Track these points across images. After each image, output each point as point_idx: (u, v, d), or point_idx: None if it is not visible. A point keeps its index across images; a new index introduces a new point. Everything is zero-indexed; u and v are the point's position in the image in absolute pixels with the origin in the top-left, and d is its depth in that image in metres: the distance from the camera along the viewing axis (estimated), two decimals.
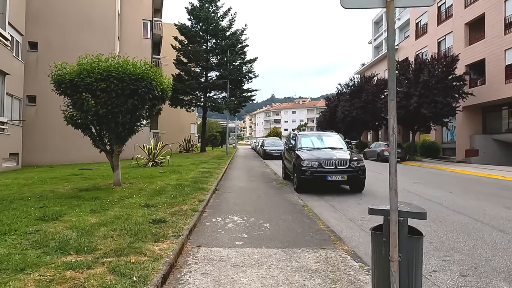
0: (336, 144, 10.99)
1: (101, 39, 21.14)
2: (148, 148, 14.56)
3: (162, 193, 7.48)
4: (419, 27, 32.98)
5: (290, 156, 11.28)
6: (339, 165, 9.26)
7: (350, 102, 35.15)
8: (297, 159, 9.90)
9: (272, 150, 25.52)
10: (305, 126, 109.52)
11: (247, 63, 28.32)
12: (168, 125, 38.23)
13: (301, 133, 11.71)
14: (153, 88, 7.48)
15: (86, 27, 20.94)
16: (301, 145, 10.81)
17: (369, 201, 8.41)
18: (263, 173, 14.19)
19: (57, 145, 20.22)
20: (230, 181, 11.25)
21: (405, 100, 23.02)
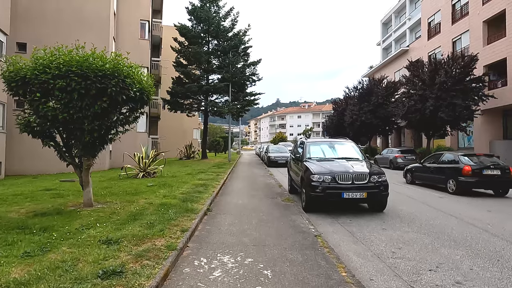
0: (351, 153, 9.42)
1: (95, 40, 19.61)
2: (138, 157, 13.09)
3: (138, 218, 5.98)
4: (432, 26, 31.35)
5: (297, 167, 9.74)
6: (357, 179, 7.69)
7: (358, 106, 33.55)
8: (306, 172, 8.37)
9: (277, 157, 23.99)
10: (311, 131, 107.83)
11: (251, 65, 26.90)
12: (169, 130, 36.92)
13: (309, 140, 10.16)
14: (127, 87, 6.01)
15: (79, 27, 19.66)
16: (310, 155, 9.27)
17: (395, 225, 6.84)
18: (266, 185, 12.65)
19: (46, 153, 18.80)
20: (227, 196, 9.72)
21: (420, 103, 21.38)
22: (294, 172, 10.26)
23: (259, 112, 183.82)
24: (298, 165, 9.50)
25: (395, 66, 37.77)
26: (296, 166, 9.92)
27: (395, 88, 32.63)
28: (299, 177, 9.12)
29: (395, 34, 39.35)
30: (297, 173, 9.65)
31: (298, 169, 9.42)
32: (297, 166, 9.72)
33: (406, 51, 35.18)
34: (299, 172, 9.28)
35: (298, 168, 9.45)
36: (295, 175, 10.07)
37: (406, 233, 6.30)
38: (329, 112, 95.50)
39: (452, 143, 27.06)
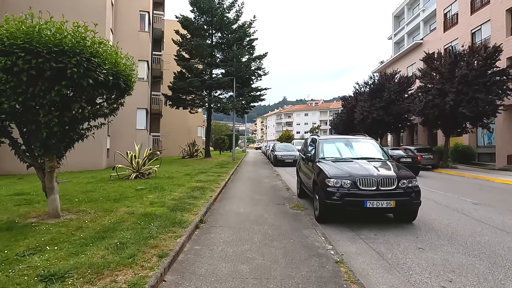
0: (372, 152, 8.02)
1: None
2: (130, 156, 11.83)
3: (107, 235, 4.68)
4: (448, 17, 29.62)
5: (308, 169, 8.37)
6: (383, 185, 6.31)
7: (370, 102, 31.95)
8: (319, 175, 7.01)
9: (284, 155, 22.63)
10: (318, 129, 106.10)
11: (256, 59, 25.50)
12: (172, 128, 35.75)
13: (322, 137, 8.77)
14: (93, 68, 4.71)
15: (72, 17, 18.40)
16: (324, 154, 7.89)
17: (433, 242, 5.46)
18: (273, 187, 11.30)
19: None
20: (227, 202, 8.39)
21: (439, 98, 19.81)
22: (304, 174, 8.90)
23: (266, 110, 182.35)
24: (310, 166, 8.14)
25: (407, 60, 36.05)
26: (307, 167, 8.56)
27: (408, 83, 31.01)
28: (310, 180, 7.76)
29: (407, 27, 37.59)
30: (308, 176, 8.29)
31: (310, 171, 8.06)
32: (308, 168, 8.36)
33: (420, 45, 33.44)
34: (310, 175, 7.92)
35: (310, 170, 8.10)
36: (305, 177, 8.72)
37: (450, 255, 4.91)
38: (337, 110, 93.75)
39: (471, 141, 25.42)
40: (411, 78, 31.96)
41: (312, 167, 7.85)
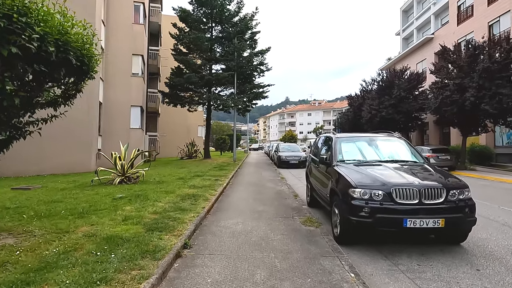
0: (403, 154, 6.47)
1: None
2: (114, 158, 10.31)
3: (37, 279, 3.15)
4: (461, 10, 27.97)
5: (322, 174, 6.82)
6: (427, 197, 4.75)
7: (378, 100, 30.32)
8: (339, 183, 5.48)
9: (289, 156, 21.08)
10: (322, 129, 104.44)
11: (259, 53, 23.94)
12: (171, 127, 34.28)
13: (340, 135, 7.18)
14: (19, 30, 3.19)
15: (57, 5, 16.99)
16: (343, 157, 6.34)
17: (504, 279, 3.88)
18: (278, 194, 9.75)
19: (24, 152, 16.29)
20: (223, 215, 6.85)
21: (458, 94, 18.17)
22: (317, 179, 7.35)
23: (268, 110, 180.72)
24: (324, 171, 6.59)
25: (417, 56, 34.38)
26: (320, 172, 7.01)
27: (419, 80, 29.38)
28: (326, 188, 6.21)
29: (417, 22, 35.92)
30: (322, 182, 6.74)
31: (325, 176, 6.51)
32: (322, 173, 6.81)
33: (431, 40, 31.78)
34: (326, 182, 6.37)
35: (325, 176, 6.55)
36: (318, 184, 7.16)
37: None
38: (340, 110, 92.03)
39: (488, 141, 23.74)
40: (422, 75, 30.35)
41: (328, 172, 6.30)
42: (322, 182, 6.78)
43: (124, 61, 20.62)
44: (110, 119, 20.25)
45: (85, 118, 17.12)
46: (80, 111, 17.12)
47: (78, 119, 16.94)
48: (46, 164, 16.47)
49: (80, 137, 16.96)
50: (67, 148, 16.71)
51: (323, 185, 6.59)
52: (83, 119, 17.03)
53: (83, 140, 17.00)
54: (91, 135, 17.37)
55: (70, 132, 16.82)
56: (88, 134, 17.24)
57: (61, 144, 16.64)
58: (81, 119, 16.99)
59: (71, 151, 16.75)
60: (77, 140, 16.87)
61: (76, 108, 17.34)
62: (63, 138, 16.68)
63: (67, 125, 16.95)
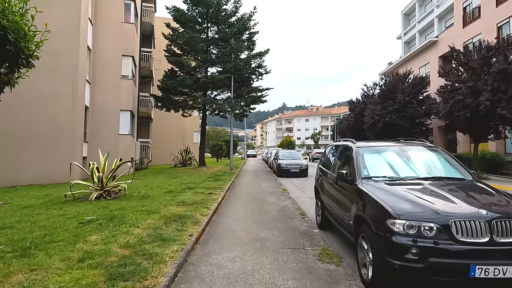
0: (446, 168, 5.10)
1: (63, 18, 15.90)
2: (91, 169, 8.87)
3: None
4: (467, 12, 26.93)
5: (340, 192, 5.45)
6: (502, 233, 3.38)
7: (381, 105, 29.12)
8: (369, 208, 4.13)
9: (289, 164, 19.70)
10: (319, 135, 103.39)
11: (257, 56, 22.64)
12: (166, 133, 32.87)
13: (361, 144, 5.78)
14: None
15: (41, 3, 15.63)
16: (369, 172, 4.97)
17: None
18: (281, 211, 8.35)
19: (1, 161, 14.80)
20: (216, 247, 5.44)
21: (471, 98, 16.94)
22: (332, 198, 5.98)
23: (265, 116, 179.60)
24: (344, 189, 5.22)
25: (420, 60, 33.31)
26: (337, 189, 5.65)
27: (423, 84, 28.24)
28: (349, 213, 4.84)
29: (419, 25, 34.92)
30: (341, 204, 5.36)
31: (345, 196, 5.14)
32: (340, 191, 5.45)
33: (435, 43, 30.75)
34: (347, 204, 5.01)
35: (345, 196, 5.19)
36: (334, 204, 5.79)
37: None
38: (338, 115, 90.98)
39: (498, 148, 22.52)
40: (426, 79, 29.24)
41: (350, 191, 4.93)
42: (340, 204, 5.40)
43: (113, 62, 19.26)
44: (97, 124, 18.82)
45: (68, 123, 15.69)
46: (63, 115, 15.74)
47: (60, 124, 15.54)
48: (25, 173, 14.99)
49: (63, 144, 15.50)
50: (48, 156, 15.24)
51: (343, 207, 5.21)
52: (66, 125, 15.60)
53: (66, 147, 15.53)
54: (75, 142, 15.92)
55: (51, 138, 15.39)
56: (72, 140, 15.78)
57: (41, 152, 15.19)
58: (64, 124, 15.58)
59: (52, 159, 15.26)
60: (59, 147, 15.40)
61: (59, 112, 16.04)
62: (43, 145, 15.25)
63: (48, 131, 15.53)
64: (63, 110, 15.56)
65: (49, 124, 15.38)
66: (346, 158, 5.90)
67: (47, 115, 15.32)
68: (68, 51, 15.76)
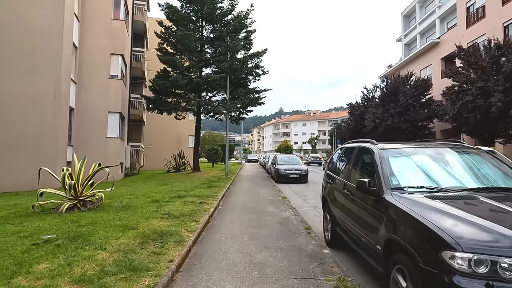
0: (499, 176, 4.00)
1: (46, 13, 14.81)
2: (62, 176, 7.68)
3: None
4: (471, 12, 26.12)
5: (359, 206, 4.32)
6: None
7: (382, 108, 28.18)
8: (408, 231, 3.01)
9: (288, 170, 18.57)
10: (317, 139, 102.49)
11: (254, 56, 21.61)
12: (160, 137, 31.68)
13: (385, 146, 4.62)
14: None
15: None
16: (399, 181, 3.83)
17: None
18: (282, 224, 7.22)
19: None
20: (201, 276, 4.31)
21: (482, 98, 15.96)
22: (346, 211, 4.87)
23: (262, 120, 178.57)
24: (367, 203, 4.09)
25: (422, 62, 32.46)
26: (352, 200, 4.55)
27: (426, 87, 27.34)
28: (374, 234, 3.71)
29: (420, 27, 34.13)
30: (361, 221, 4.24)
31: (368, 212, 4.02)
32: (357, 202, 4.36)
33: (437, 44, 29.92)
34: (371, 222, 3.89)
35: (365, 209, 4.09)
36: (350, 219, 4.67)
37: None
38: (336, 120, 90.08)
39: (506, 151, 21.50)
40: (429, 81, 28.36)
41: (375, 205, 3.81)
42: (360, 221, 4.28)
43: (101, 61, 18.12)
44: (84, 127, 17.62)
45: (50, 126, 14.48)
46: (44, 117, 14.52)
47: (41, 127, 14.33)
48: (6, 179, 13.76)
49: (43, 147, 14.28)
50: (27, 160, 13.98)
51: (365, 226, 4.08)
52: (47, 127, 14.39)
53: (47, 151, 14.31)
54: (57, 146, 14.71)
55: (31, 141, 14.17)
56: (53, 144, 14.57)
57: (19, 156, 13.94)
58: (45, 126, 14.37)
59: (31, 164, 13.97)
60: (39, 151, 14.17)
61: (39, 114, 14.82)
62: (22, 148, 14.01)
63: (28, 134, 14.28)
64: (44, 112, 14.36)
65: (29, 126, 14.17)
66: (365, 163, 4.80)
67: (27, 117, 14.12)
68: (50, 48, 14.61)
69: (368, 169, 4.54)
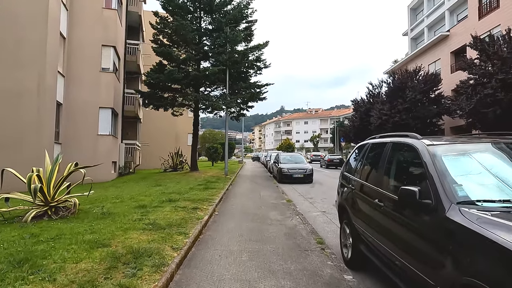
0: None
1: (31, 1, 13.64)
2: (28, 178, 6.50)
3: None
4: (483, 2, 24.81)
5: (400, 223, 3.10)
6: None
7: (390, 104, 26.91)
8: None
9: (292, 169, 17.37)
10: (319, 137, 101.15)
11: (255, 49, 20.37)
12: (157, 135, 30.48)
13: (432, 141, 3.41)
14: None
15: None
16: (466, 192, 2.63)
17: None
18: (290, 237, 6.04)
19: None
20: None
21: (502, 92, 14.72)
22: (379, 228, 3.68)
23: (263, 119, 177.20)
24: (410, 219, 2.89)
25: (430, 56, 31.17)
26: (389, 215, 3.34)
27: (435, 82, 26.08)
28: (435, 269, 2.50)
29: (428, 20, 32.80)
30: (404, 243, 3.03)
31: (415, 233, 2.82)
32: (398, 219, 3.15)
33: (446, 37, 28.60)
34: (430, 252, 2.68)
35: (413, 230, 2.87)
36: (385, 240, 3.47)
37: None
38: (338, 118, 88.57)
39: None
40: (438, 75, 27.09)
41: (431, 227, 2.62)
42: (404, 244, 3.07)
43: (91, 53, 16.92)
44: (73, 123, 16.45)
45: (33, 122, 13.31)
46: (27, 112, 13.32)
47: (22, 123, 13.16)
48: None
49: (26, 146, 13.10)
50: (6, 160, 12.80)
51: (414, 254, 2.88)
52: (31, 123, 13.22)
53: (29, 149, 13.12)
54: (41, 144, 13.51)
55: (12, 139, 12.99)
56: (37, 142, 13.38)
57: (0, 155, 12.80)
58: (28, 123, 13.19)
59: (11, 165, 12.80)
60: (22, 150, 13.01)
61: (22, 109, 13.62)
62: (2, 147, 12.86)
63: (9, 131, 13.16)
64: (26, 107, 13.19)
65: (8, 123, 13.00)
66: (404, 165, 3.61)
67: (6, 112, 12.94)
68: (33, 38, 13.43)
69: (410, 173, 3.36)
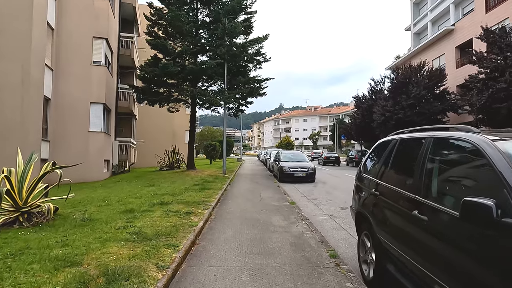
0: None
1: None
2: None
3: None
4: None
5: (462, 248, 2.25)
6: None
7: (393, 100, 26.12)
8: None
9: (293, 168, 16.55)
10: (318, 135, 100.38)
11: (255, 42, 19.48)
12: (154, 132, 29.59)
13: (502, 136, 2.62)
14: None
15: None
16: None
17: None
18: (297, 248, 5.21)
19: None
20: None
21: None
22: (417, 247, 2.83)
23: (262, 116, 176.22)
24: (477, 245, 2.06)
25: (434, 51, 30.34)
26: (431, 233, 2.50)
27: (440, 77, 25.30)
28: None
29: (431, 14, 31.93)
30: (464, 275, 2.21)
31: (489, 261, 1.99)
32: (450, 241, 2.30)
33: (451, 32, 27.78)
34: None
35: (482, 257, 2.03)
36: (426, 264, 2.63)
37: None
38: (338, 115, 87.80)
39: None
40: (443, 71, 26.31)
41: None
42: (466, 277, 2.24)
43: (82, 45, 16.01)
44: (62, 119, 15.57)
45: (17, 118, 12.40)
46: (10, 108, 12.42)
47: (6, 120, 12.26)
48: None
49: (10, 143, 12.17)
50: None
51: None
52: (13, 120, 12.31)
53: (14, 148, 12.21)
54: (26, 141, 12.62)
55: None
56: (21, 139, 12.46)
57: None
58: (10, 119, 12.29)
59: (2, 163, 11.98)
60: (4, 149, 12.10)
61: (4, 104, 12.74)
62: None
63: None
64: (9, 102, 12.27)
65: None
66: (455, 168, 2.77)
67: None
68: (17, 28, 12.49)
69: (468, 180, 2.51)
